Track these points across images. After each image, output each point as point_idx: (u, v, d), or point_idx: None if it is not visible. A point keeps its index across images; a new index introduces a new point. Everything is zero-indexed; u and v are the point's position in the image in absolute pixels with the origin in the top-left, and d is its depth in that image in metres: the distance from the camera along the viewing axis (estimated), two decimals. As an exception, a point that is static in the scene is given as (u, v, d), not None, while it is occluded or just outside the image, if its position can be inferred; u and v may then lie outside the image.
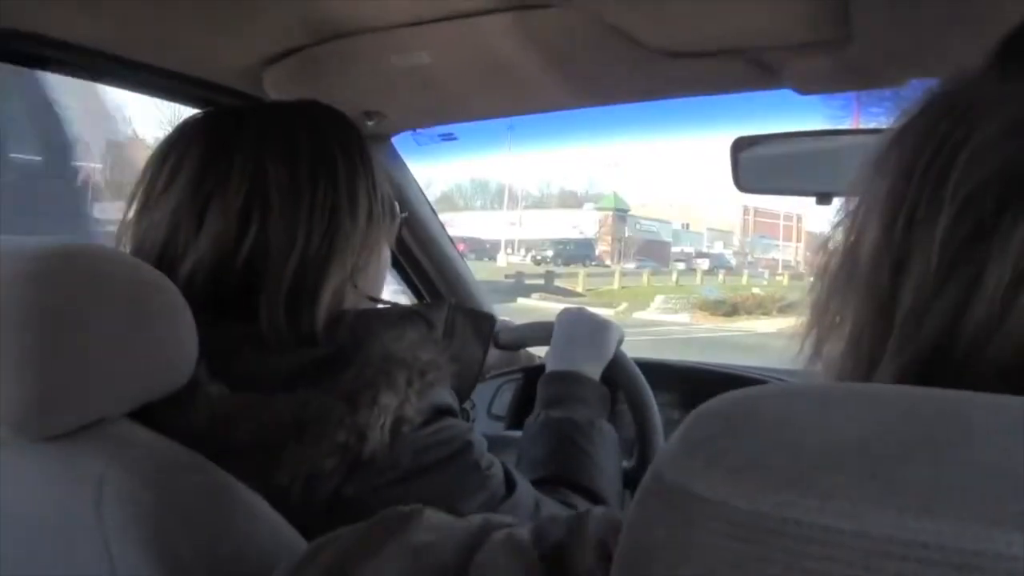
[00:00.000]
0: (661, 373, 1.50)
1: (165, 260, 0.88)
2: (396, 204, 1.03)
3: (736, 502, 0.29)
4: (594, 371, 1.26)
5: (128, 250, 0.92)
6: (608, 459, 1.16)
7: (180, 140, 0.94)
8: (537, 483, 1.05)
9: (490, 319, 1.07)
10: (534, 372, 1.69)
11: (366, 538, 0.54)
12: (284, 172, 0.89)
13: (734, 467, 0.30)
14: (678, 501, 0.31)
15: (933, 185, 0.42)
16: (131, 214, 0.93)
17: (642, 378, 1.33)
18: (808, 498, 0.28)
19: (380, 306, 0.98)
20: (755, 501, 0.29)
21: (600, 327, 1.32)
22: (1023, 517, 0.25)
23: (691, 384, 1.71)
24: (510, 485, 0.93)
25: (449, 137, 1.68)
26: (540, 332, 1.43)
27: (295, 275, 0.87)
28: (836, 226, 0.50)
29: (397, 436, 0.82)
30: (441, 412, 0.87)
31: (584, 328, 1.32)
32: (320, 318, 0.88)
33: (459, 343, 0.97)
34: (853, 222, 0.48)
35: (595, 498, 1.10)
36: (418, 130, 1.68)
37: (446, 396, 0.89)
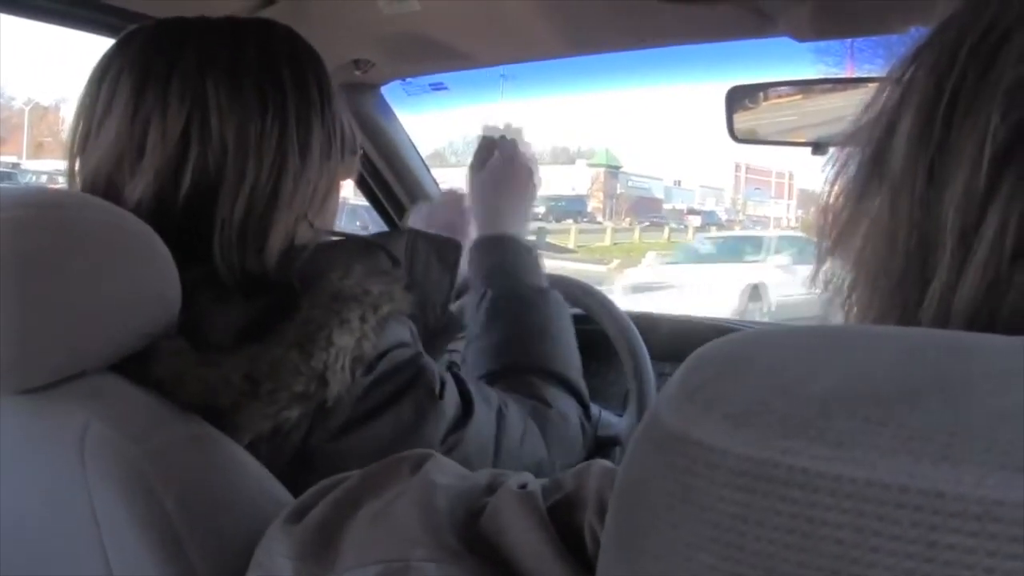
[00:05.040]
0: (653, 326, 1.49)
1: (111, 198, 0.80)
2: (356, 137, 0.97)
3: (738, 449, 0.28)
4: (521, 226, 1.20)
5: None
6: (562, 329, 1.11)
7: (115, 59, 0.85)
8: (494, 374, 1.02)
9: (455, 245, 0.98)
10: None
11: (384, 473, 0.53)
12: (226, 96, 0.82)
13: (734, 413, 0.29)
14: (677, 447, 0.30)
15: (981, 69, 0.37)
16: (75, 150, 0.86)
17: (635, 330, 1.32)
18: (817, 445, 0.26)
19: (336, 239, 0.92)
20: (758, 449, 0.27)
21: (512, 177, 1.24)
22: None
23: (684, 337, 1.70)
24: (467, 405, 0.88)
25: (439, 87, 1.65)
26: None
27: (243, 214, 0.82)
28: (859, 127, 0.44)
29: (355, 376, 0.78)
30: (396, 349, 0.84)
31: (499, 185, 1.23)
32: (270, 259, 0.82)
33: (421, 270, 0.91)
34: (882, 111, 0.43)
35: (558, 378, 1.05)
36: (408, 80, 1.65)
37: (404, 334, 0.85)
